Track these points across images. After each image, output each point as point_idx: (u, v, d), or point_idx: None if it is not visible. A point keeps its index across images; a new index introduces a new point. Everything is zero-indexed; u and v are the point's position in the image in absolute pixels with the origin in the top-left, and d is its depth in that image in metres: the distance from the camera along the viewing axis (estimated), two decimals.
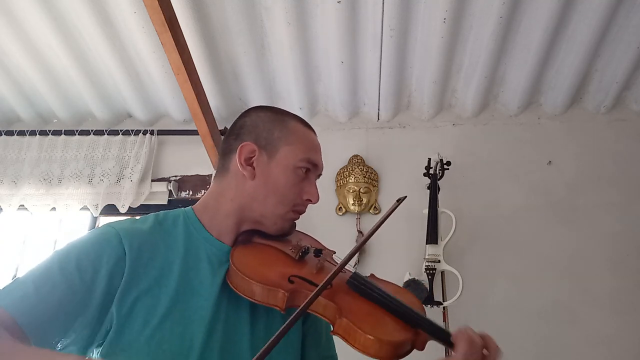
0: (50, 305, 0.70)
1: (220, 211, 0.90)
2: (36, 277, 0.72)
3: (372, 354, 0.71)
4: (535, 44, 2.08)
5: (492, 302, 2.12)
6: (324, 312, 0.77)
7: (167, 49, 1.86)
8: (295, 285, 0.79)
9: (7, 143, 2.54)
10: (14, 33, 2.16)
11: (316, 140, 0.96)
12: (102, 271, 0.75)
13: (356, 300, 0.80)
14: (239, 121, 0.96)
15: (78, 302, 0.72)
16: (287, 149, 0.90)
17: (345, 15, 1.98)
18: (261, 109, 0.97)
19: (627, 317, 2.07)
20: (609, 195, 2.27)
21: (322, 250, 0.94)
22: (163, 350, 0.74)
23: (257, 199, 0.88)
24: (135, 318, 0.74)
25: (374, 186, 2.36)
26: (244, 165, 0.89)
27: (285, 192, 0.88)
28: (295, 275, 0.82)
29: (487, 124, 2.47)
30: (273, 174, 0.89)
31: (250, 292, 0.79)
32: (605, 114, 2.42)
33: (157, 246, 0.82)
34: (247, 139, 0.91)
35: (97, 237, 0.79)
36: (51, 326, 0.70)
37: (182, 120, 2.62)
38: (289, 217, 0.91)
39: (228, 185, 0.91)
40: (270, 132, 0.91)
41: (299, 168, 0.89)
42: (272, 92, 2.42)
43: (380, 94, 2.39)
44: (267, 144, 0.90)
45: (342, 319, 0.74)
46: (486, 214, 2.28)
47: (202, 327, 0.77)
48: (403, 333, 0.75)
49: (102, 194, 2.37)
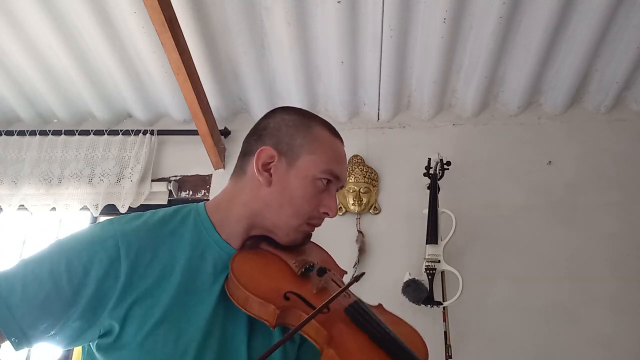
0: (34, 306, 0.69)
1: (232, 214, 0.86)
2: (27, 273, 0.71)
3: None
4: (535, 44, 2.08)
5: (492, 302, 2.12)
6: (315, 337, 0.72)
7: (167, 49, 1.86)
8: (290, 303, 0.74)
9: (7, 143, 2.54)
10: (14, 33, 2.16)
11: (342, 150, 0.90)
12: (92, 274, 0.72)
13: (351, 330, 0.74)
14: (263, 122, 0.90)
15: (63, 303, 0.70)
16: (308, 158, 0.84)
17: (345, 15, 1.98)
18: (288, 110, 0.90)
19: (627, 317, 2.07)
20: (609, 195, 2.27)
21: (327, 269, 0.86)
22: (155, 356, 0.72)
23: (271, 207, 0.83)
24: (132, 321, 0.72)
25: (374, 186, 2.37)
26: (260, 170, 0.84)
27: (302, 203, 0.83)
28: (292, 291, 0.77)
29: (487, 124, 2.47)
30: (291, 183, 0.83)
31: (242, 301, 0.75)
32: (605, 114, 2.42)
33: (160, 247, 0.78)
34: (268, 142, 0.85)
35: (93, 238, 0.76)
36: (31, 327, 0.69)
37: (182, 120, 2.62)
38: (303, 230, 0.86)
39: (243, 189, 0.87)
40: (292, 138, 0.85)
41: (319, 179, 0.84)
42: (272, 92, 2.42)
43: (380, 94, 2.39)
44: (288, 150, 0.84)
45: (329, 350, 0.69)
46: (486, 214, 2.28)
47: (198, 335, 0.74)
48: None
49: (102, 194, 2.37)
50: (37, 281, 0.70)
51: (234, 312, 0.79)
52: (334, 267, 0.94)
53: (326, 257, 0.96)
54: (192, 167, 2.52)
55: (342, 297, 0.82)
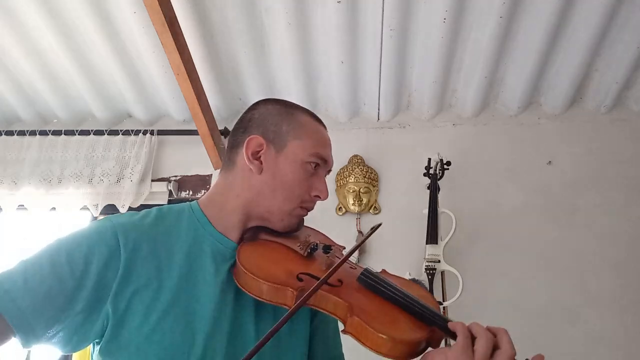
0: (37, 298, 0.69)
1: (226, 206, 0.88)
2: (27, 267, 0.71)
3: (385, 353, 0.69)
4: (535, 44, 2.08)
5: (492, 302, 2.13)
6: (334, 311, 0.75)
7: (167, 49, 1.87)
8: (304, 283, 0.76)
9: (7, 143, 2.54)
10: (14, 33, 2.16)
11: (326, 135, 0.93)
12: (94, 265, 0.73)
13: (368, 297, 0.77)
14: (247, 114, 0.93)
15: (67, 295, 0.71)
16: (295, 143, 0.87)
17: (345, 15, 1.98)
18: (270, 101, 0.94)
19: (627, 317, 2.07)
20: (609, 196, 2.27)
21: (331, 246, 0.90)
22: (164, 347, 0.72)
23: (263, 194, 0.86)
24: (134, 314, 0.73)
25: (374, 186, 2.36)
26: (251, 159, 0.86)
27: (293, 187, 0.86)
28: (304, 272, 0.79)
29: (487, 124, 2.47)
30: (281, 168, 0.86)
31: (258, 291, 0.77)
32: (605, 114, 2.42)
33: (157, 240, 0.80)
34: (255, 132, 0.88)
35: (90, 230, 0.77)
36: (37, 318, 0.69)
37: (182, 120, 2.62)
38: (296, 214, 0.88)
39: (234, 180, 0.89)
40: (278, 126, 0.88)
41: (308, 163, 0.87)
42: (272, 92, 2.42)
43: (380, 94, 2.39)
44: (275, 137, 0.87)
45: (353, 318, 0.71)
46: (486, 214, 2.28)
47: (205, 326, 0.76)
48: (418, 332, 0.72)
49: (102, 194, 2.37)
50: (39, 275, 0.71)
51: (239, 302, 0.82)
52: (333, 244, 0.97)
53: (323, 237, 0.99)
54: (192, 167, 2.52)
55: (350, 269, 0.86)
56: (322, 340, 0.95)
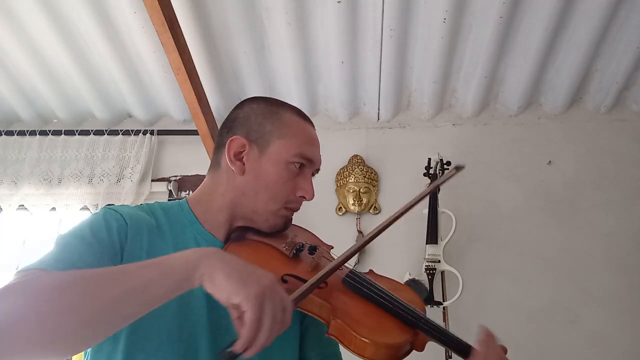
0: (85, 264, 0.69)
1: (213, 206, 0.88)
2: (57, 252, 0.71)
3: (369, 357, 0.69)
4: (535, 44, 2.08)
5: (492, 302, 2.12)
6: (319, 313, 0.74)
7: (167, 49, 1.87)
8: (289, 285, 0.75)
9: (7, 143, 2.54)
10: (14, 33, 2.16)
11: (313, 133, 0.92)
12: (114, 234, 0.76)
13: (352, 299, 0.77)
14: (233, 113, 0.93)
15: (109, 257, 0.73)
16: (279, 143, 0.86)
17: (345, 15, 1.98)
18: (255, 100, 0.93)
19: (627, 317, 2.07)
20: (609, 195, 2.27)
21: (317, 247, 0.89)
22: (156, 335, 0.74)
23: (247, 195, 0.86)
24: None
25: (374, 186, 2.36)
26: (233, 160, 0.86)
27: (277, 188, 0.85)
28: (289, 274, 0.78)
29: (487, 124, 2.47)
30: (264, 169, 0.86)
31: None
32: (605, 114, 2.42)
33: (151, 232, 0.81)
34: (238, 132, 0.88)
35: (98, 215, 0.79)
36: None
37: (182, 120, 2.62)
38: (282, 214, 0.88)
39: (219, 180, 0.89)
40: (261, 125, 0.88)
41: (292, 163, 0.86)
42: (272, 92, 2.42)
43: (380, 94, 2.39)
44: (259, 137, 0.87)
45: (336, 320, 0.71)
46: (486, 214, 2.28)
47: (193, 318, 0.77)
48: (401, 334, 0.72)
49: (102, 194, 2.37)
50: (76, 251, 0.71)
51: None
52: (320, 244, 0.96)
53: (311, 236, 0.98)
54: (192, 167, 2.52)
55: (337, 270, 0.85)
56: (314, 340, 0.94)
